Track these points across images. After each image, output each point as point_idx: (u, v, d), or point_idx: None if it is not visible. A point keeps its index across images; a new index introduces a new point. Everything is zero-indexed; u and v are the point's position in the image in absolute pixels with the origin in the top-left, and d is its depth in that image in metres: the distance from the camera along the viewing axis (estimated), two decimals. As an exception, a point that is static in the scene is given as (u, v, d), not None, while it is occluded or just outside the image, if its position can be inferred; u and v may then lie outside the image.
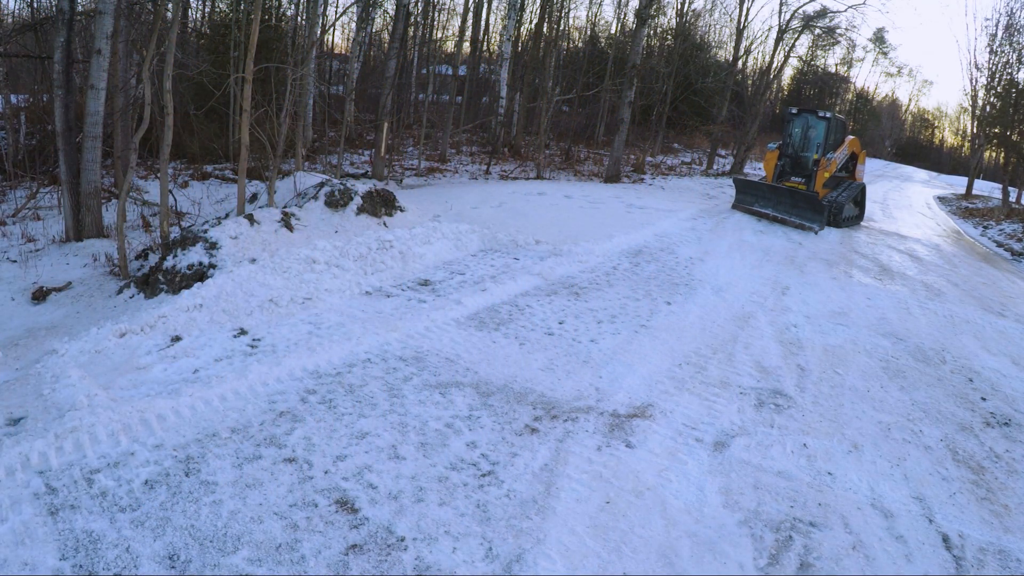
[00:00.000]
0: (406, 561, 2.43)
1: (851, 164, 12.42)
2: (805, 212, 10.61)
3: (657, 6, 19.51)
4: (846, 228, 11.65)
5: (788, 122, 11.97)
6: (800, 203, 10.66)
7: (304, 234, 6.45)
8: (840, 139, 11.76)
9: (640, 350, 4.66)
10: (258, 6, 6.68)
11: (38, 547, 2.36)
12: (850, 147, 12.03)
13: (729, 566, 2.56)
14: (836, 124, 11.60)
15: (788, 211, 10.92)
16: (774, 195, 11.26)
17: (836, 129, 11.64)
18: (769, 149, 12.22)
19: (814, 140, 11.56)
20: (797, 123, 11.89)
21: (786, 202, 10.98)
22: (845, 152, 11.79)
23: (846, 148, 11.77)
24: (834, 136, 11.53)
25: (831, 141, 11.44)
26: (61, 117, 6.53)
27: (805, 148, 11.73)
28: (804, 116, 11.78)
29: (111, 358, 4.01)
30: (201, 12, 18.73)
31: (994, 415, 4.19)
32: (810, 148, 11.59)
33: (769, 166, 11.97)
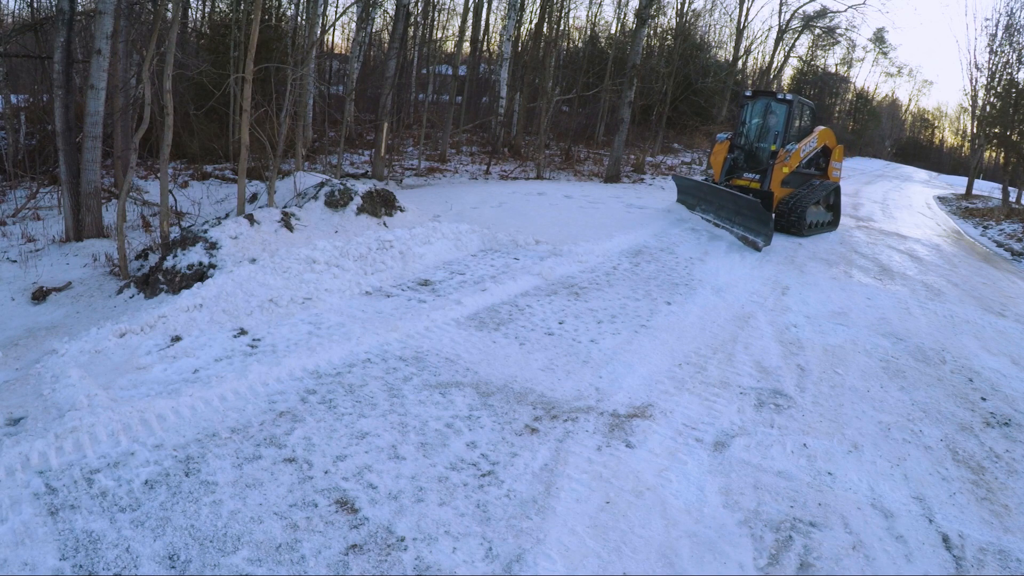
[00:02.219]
0: (406, 561, 2.44)
1: (823, 160, 10.84)
2: (749, 222, 8.59)
3: (657, 6, 19.52)
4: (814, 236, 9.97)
5: (743, 108, 10.31)
6: (743, 210, 8.61)
7: (304, 234, 6.45)
8: (807, 128, 10.15)
9: (640, 350, 4.66)
10: (258, 6, 6.68)
11: (38, 547, 2.36)
12: (821, 139, 10.27)
13: (729, 566, 2.56)
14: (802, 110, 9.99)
15: (731, 219, 9.07)
16: (716, 198, 9.41)
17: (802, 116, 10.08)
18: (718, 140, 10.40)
19: (773, 128, 9.84)
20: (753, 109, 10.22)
21: (728, 207, 9.08)
22: (813, 144, 10.00)
23: (815, 140, 10.01)
24: (799, 124, 9.96)
25: (794, 130, 9.85)
26: (61, 117, 6.53)
27: (762, 138, 9.99)
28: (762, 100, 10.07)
29: (111, 358, 4.01)
30: (201, 12, 18.74)
31: (994, 415, 4.19)
32: (768, 138, 9.85)
33: (717, 160, 10.17)
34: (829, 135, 10.68)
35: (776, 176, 9.38)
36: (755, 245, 8.31)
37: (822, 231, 10.59)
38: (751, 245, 8.36)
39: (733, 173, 9.96)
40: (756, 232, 8.40)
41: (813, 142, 9.99)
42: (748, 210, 8.48)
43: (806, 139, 9.82)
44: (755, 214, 8.38)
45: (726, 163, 10.01)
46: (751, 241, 8.39)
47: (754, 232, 8.44)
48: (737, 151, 10.11)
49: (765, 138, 9.96)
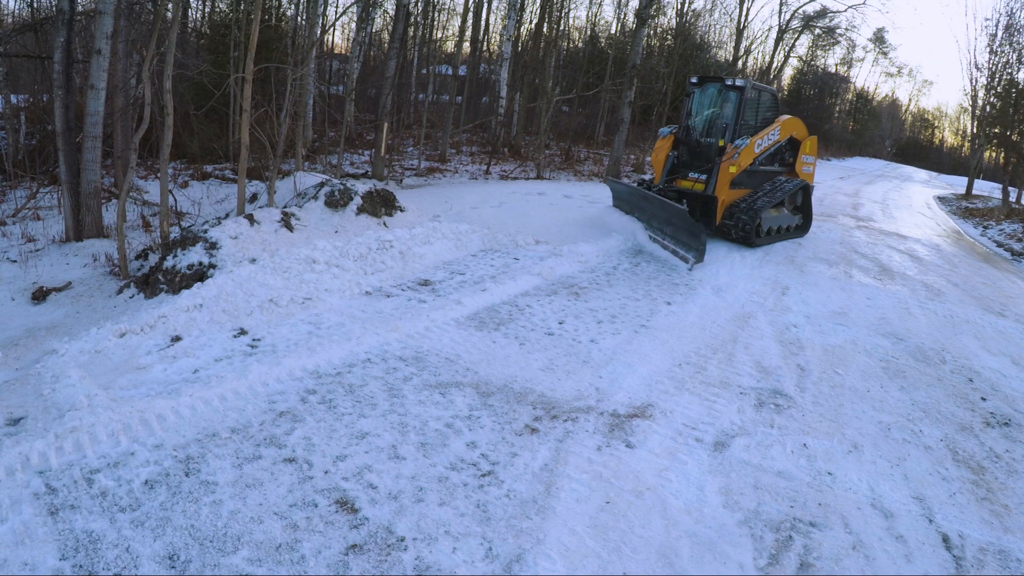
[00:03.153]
0: (406, 561, 2.43)
1: (790, 155, 9.51)
2: (680, 234, 7.39)
3: (657, 6, 19.52)
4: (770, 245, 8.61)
5: (688, 97, 8.87)
6: (674, 219, 7.39)
7: (304, 234, 6.45)
8: (767, 119, 8.77)
9: (640, 350, 4.66)
10: (258, 6, 6.68)
11: (38, 547, 2.36)
12: (785, 130, 8.91)
13: (729, 566, 2.56)
14: (758, 98, 8.59)
15: (662, 229, 7.75)
16: (647, 205, 8.03)
17: (759, 105, 8.63)
18: (660, 135, 8.94)
19: (723, 120, 8.44)
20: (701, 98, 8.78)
21: (659, 216, 7.73)
22: (774, 137, 8.65)
23: (776, 131, 8.65)
24: (755, 114, 8.55)
25: (749, 121, 8.45)
26: (61, 117, 6.53)
27: (710, 132, 8.59)
28: (711, 88, 8.63)
29: (111, 358, 4.01)
30: (201, 12, 18.74)
31: (994, 415, 4.19)
32: (717, 131, 8.48)
33: (658, 159, 8.78)
34: (796, 125, 9.36)
35: (722, 176, 8.02)
36: (686, 260, 7.04)
37: (786, 237, 9.19)
38: (682, 260, 7.13)
39: (676, 172, 8.64)
40: (687, 246, 7.17)
41: (774, 134, 8.63)
42: (678, 220, 7.26)
43: (764, 131, 8.49)
44: (684, 225, 7.16)
45: (668, 161, 8.68)
46: (681, 257, 7.14)
47: (685, 246, 7.21)
48: (682, 147, 8.78)
49: (713, 132, 8.55)
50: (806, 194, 9.59)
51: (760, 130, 8.53)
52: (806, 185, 9.46)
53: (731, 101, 8.39)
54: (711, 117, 8.67)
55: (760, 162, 8.66)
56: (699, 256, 6.95)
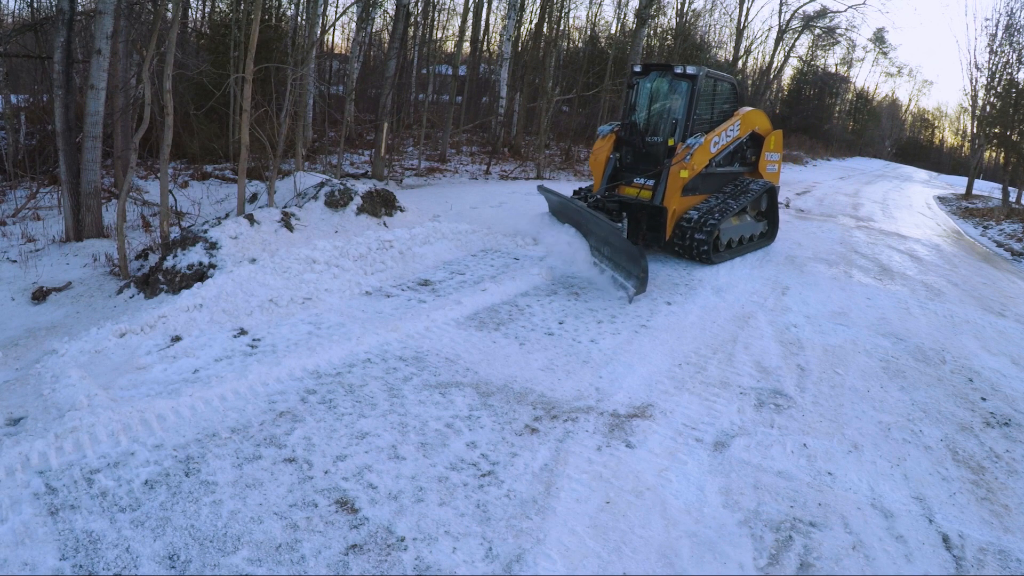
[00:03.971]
0: (406, 561, 2.44)
1: (751, 153, 8.43)
2: (618, 256, 6.09)
3: (657, 6, 19.52)
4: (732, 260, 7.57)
5: (631, 88, 7.59)
6: (612, 239, 6.09)
7: (304, 234, 6.45)
8: (726, 112, 7.69)
9: (640, 350, 4.66)
10: (258, 6, 6.69)
11: (38, 547, 2.36)
12: (746, 125, 7.83)
13: (729, 566, 2.56)
14: (714, 89, 7.45)
15: (600, 249, 6.49)
16: (582, 220, 6.77)
17: (715, 97, 7.49)
18: (600, 135, 7.76)
19: (672, 115, 7.28)
20: (647, 89, 7.51)
21: (596, 234, 6.49)
22: (734, 133, 7.58)
23: (736, 127, 7.58)
24: (710, 107, 7.43)
25: (704, 116, 7.33)
26: (61, 117, 6.53)
27: (656, 129, 7.41)
28: (657, 77, 7.41)
29: (111, 358, 4.01)
30: (201, 12, 18.74)
31: (994, 415, 4.19)
32: (665, 129, 7.31)
33: (598, 162, 7.58)
34: (759, 118, 8.29)
35: (672, 182, 6.83)
36: (625, 289, 5.79)
37: (750, 249, 8.12)
38: (621, 288, 5.87)
39: (620, 177, 7.45)
40: (627, 273, 5.86)
41: (733, 130, 7.53)
42: (615, 240, 6.00)
43: (721, 127, 7.37)
44: (622, 246, 5.90)
45: (609, 165, 7.46)
46: (619, 285, 5.92)
47: (624, 272, 5.92)
48: (625, 148, 7.53)
49: (661, 129, 7.34)
50: (772, 197, 8.56)
51: (717, 125, 7.41)
52: (772, 187, 8.43)
53: (682, 92, 7.17)
54: (659, 112, 7.44)
55: (718, 163, 7.58)
56: (640, 285, 5.56)
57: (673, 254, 7.41)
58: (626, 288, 5.77)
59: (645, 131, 7.51)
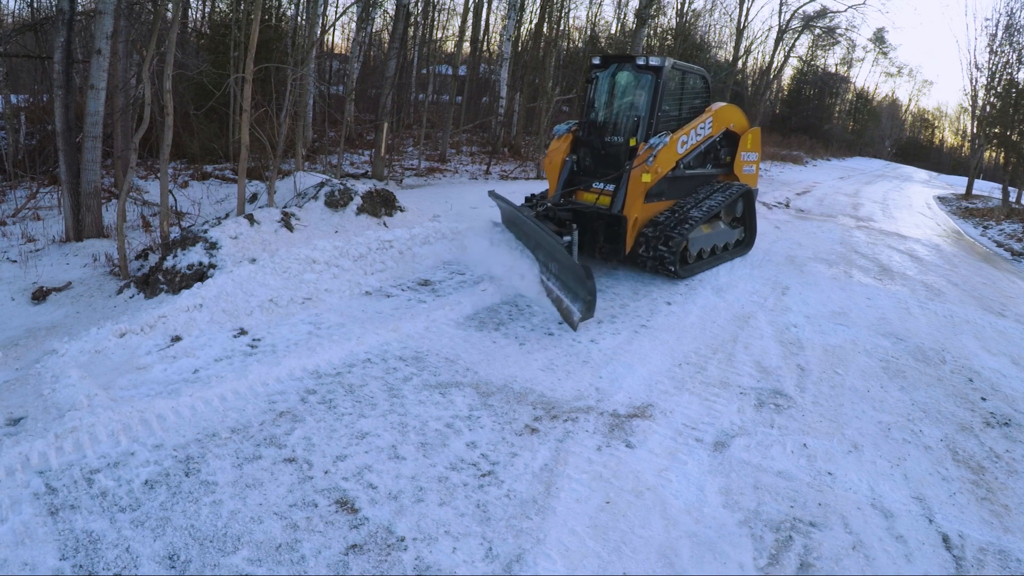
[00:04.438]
0: (406, 561, 2.44)
1: (725, 152, 7.76)
2: (565, 275, 5.30)
3: (657, 6, 19.52)
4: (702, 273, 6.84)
5: (591, 83, 6.94)
6: (558, 256, 5.36)
7: (304, 234, 6.45)
8: (696, 108, 7.05)
9: (640, 350, 4.66)
10: (258, 6, 6.69)
11: (38, 547, 2.36)
12: (719, 122, 7.22)
13: (729, 566, 2.56)
14: (682, 82, 6.79)
15: (547, 265, 5.70)
16: (529, 232, 6.11)
17: (684, 91, 6.82)
18: (555, 135, 7.09)
19: (634, 113, 6.56)
20: (607, 84, 6.83)
21: (544, 248, 5.73)
22: (705, 131, 6.96)
23: (708, 124, 6.98)
24: (678, 103, 6.77)
25: (670, 112, 6.65)
26: (61, 117, 6.53)
27: (618, 128, 6.70)
28: (618, 70, 6.73)
29: (111, 358, 4.01)
30: (201, 12, 18.74)
31: (994, 415, 4.19)
32: (626, 127, 6.59)
33: (553, 164, 6.86)
34: (733, 114, 7.63)
35: (633, 188, 6.11)
36: (569, 316, 4.99)
37: (723, 260, 7.40)
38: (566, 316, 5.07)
39: (576, 181, 6.74)
40: (574, 295, 5.07)
41: (704, 127, 6.90)
42: (561, 256, 5.27)
43: (690, 124, 6.71)
44: (567, 264, 5.16)
45: (566, 168, 6.73)
46: (564, 309, 5.10)
47: (571, 294, 5.11)
48: (583, 149, 6.85)
49: (622, 128, 6.63)
50: (749, 201, 7.81)
51: (686, 123, 6.76)
52: (748, 190, 7.71)
53: (645, 87, 6.48)
54: (620, 109, 6.76)
55: (687, 164, 6.88)
56: (588, 309, 4.78)
57: (636, 267, 6.67)
58: (571, 313, 4.98)
59: (605, 130, 6.80)
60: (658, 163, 6.16)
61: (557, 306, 5.24)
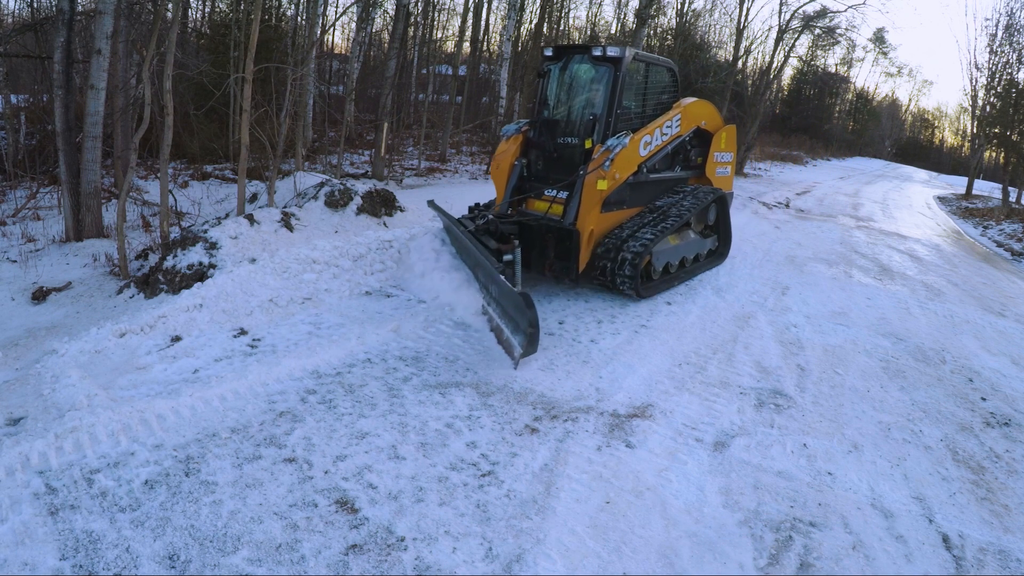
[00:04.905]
0: (406, 561, 2.44)
1: (697, 154, 7.10)
2: (507, 303, 4.46)
3: (657, 6, 19.51)
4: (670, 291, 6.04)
5: (543, 77, 6.17)
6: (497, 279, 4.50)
7: (304, 234, 6.45)
8: (664, 104, 6.37)
9: (640, 350, 4.66)
10: (258, 6, 6.69)
11: (38, 547, 2.36)
12: (688, 120, 6.57)
13: (729, 566, 2.56)
14: (645, 75, 6.08)
15: (487, 289, 5.00)
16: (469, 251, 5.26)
17: (647, 86, 6.12)
18: (504, 135, 6.28)
19: (590, 110, 5.79)
20: (561, 78, 6.10)
21: (484, 267, 4.83)
22: (672, 130, 6.27)
23: (676, 122, 6.32)
24: (641, 99, 6.09)
25: (632, 109, 5.96)
26: (61, 117, 6.53)
27: (572, 128, 5.91)
28: (573, 63, 6.01)
29: (111, 358, 4.01)
30: (201, 12, 18.74)
31: (994, 415, 4.18)
32: (581, 127, 5.76)
33: (500, 169, 6.07)
34: (705, 111, 6.95)
35: (588, 196, 5.38)
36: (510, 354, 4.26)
37: (694, 273, 6.66)
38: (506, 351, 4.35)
39: (529, 190, 5.95)
40: (515, 324, 4.29)
41: (672, 126, 6.23)
42: (500, 282, 4.43)
43: (655, 123, 6.01)
44: (505, 291, 4.34)
45: (514, 174, 5.98)
46: (505, 341, 4.41)
47: (512, 324, 4.34)
48: (535, 152, 6.08)
49: (577, 128, 5.84)
50: (722, 207, 7.06)
51: (650, 121, 6.06)
52: (722, 195, 6.94)
53: (602, 81, 5.73)
54: (576, 106, 5.99)
55: (651, 167, 6.17)
56: (530, 343, 3.97)
57: (594, 285, 5.86)
58: (512, 347, 4.22)
59: (559, 130, 6.00)
60: (616, 167, 5.44)
61: (497, 336, 4.54)
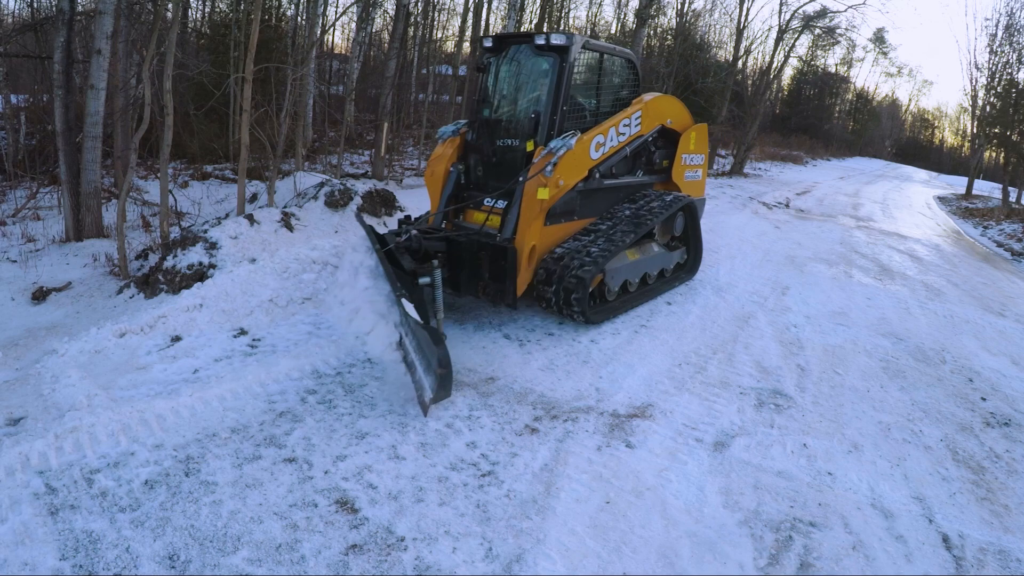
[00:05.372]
0: (406, 561, 2.44)
1: (661, 155, 6.30)
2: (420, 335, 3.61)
3: (657, 6, 19.51)
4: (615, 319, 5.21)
5: (483, 70, 5.40)
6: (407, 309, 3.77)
7: (304, 234, 6.45)
8: (622, 100, 5.63)
9: (640, 350, 4.66)
10: (258, 6, 6.69)
11: (38, 547, 2.36)
12: (650, 117, 5.79)
13: (729, 566, 2.56)
14: (599, 67, 5.31)
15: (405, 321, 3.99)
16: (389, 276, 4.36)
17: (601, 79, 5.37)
18: (441, 137, 5.50)
19: (532, 107, 5.04)
20: (502, 72, 5.32)
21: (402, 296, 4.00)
22: (631, 129, 5.52)
23: (637, 120, 5.58)
24: (593, 94, 5.35)
25: (583, 106, 5.26)
26: (61, 117, 6.53)
27: (514, 128, 5.16)
28: (517, 53, 5.23)
29: (111, 358, 4.01)
30: (201, 12, 18.74)
31: (994, 415, 4.18)
32: (523, 126, 5.05)
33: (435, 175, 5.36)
34: (670, 107, 6.21)
35: (528, 207, 4.66)
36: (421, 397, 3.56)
37: (659, 290, 5.91)
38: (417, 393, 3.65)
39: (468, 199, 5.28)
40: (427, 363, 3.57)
41: (631, 124, 5.50)
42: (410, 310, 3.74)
43: (610, 121, 5.29)
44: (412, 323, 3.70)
45: (450, 181, 5.30)
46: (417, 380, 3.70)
47: (426, 362, 3.62)
48: (474, 156, 5.34)
49: (518, 127, 5.13)
50: (691, 216, 6.30)
51: (606, 118, 5.32)
52: (690, 202, 6.16)
53: (547, 74, 5.00)
54: (519, 103, 5.22)
55: (606, 172, 5.41)
56: (442, 387, 3.31)
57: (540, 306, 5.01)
58: (422, 388, 3.54)
59: (499, 131, 5.22)
60: (560, 173, 4.69)
61: (411, 374, 3.77)
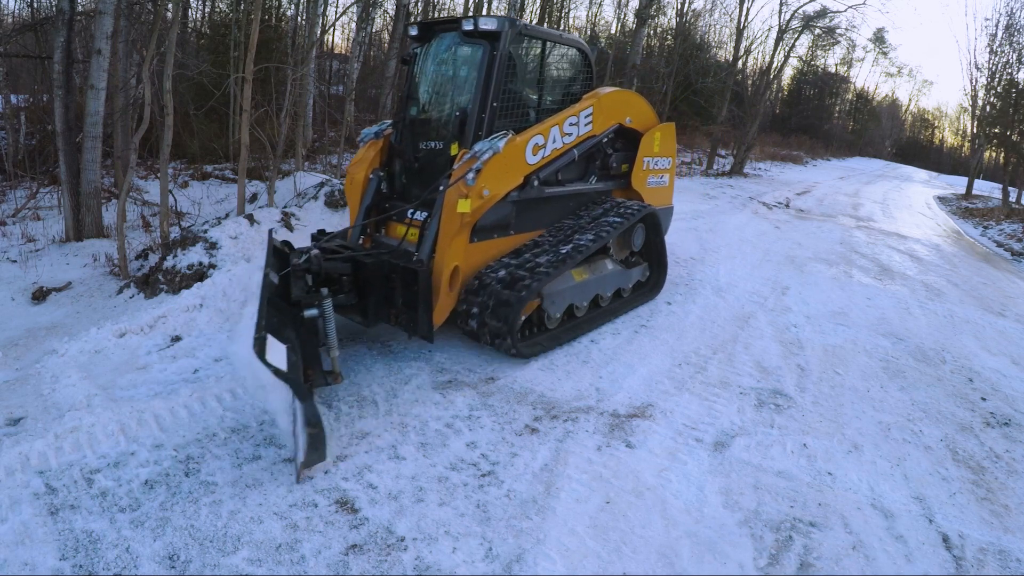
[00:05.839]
0: (406, 561, 2.43)
1: (620, 158, 5.50)
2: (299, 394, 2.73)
3: (657, 6, 19.51)
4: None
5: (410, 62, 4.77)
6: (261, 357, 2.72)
7: (304, 234, 6.44)
8: (572, 95, 5.02)
9: (640, 350, 4.66)
10: (258, 6, 6.69)
11: (38, 547, 2.36)
12: (605, 114, 5.10)
13: (729, 566, 2.56)
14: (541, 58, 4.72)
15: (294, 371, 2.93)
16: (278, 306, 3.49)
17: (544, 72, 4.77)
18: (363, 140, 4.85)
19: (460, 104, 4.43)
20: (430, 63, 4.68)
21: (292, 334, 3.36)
22: (580, 129, 4.84)
23: (588, 119, 4.90)
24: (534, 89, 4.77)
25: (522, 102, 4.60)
26: (61, 117, 6.53)
27: (438, 128, 4.59)
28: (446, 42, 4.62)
29: (111, 358, 4.01)
30: (201, 12, 18.73)
31: (994, 415, 4.18)
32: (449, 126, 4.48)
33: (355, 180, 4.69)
34: (630, 104, 5.47)
35: (448, 221, 4.03)
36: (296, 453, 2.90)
37: (619, 313, 5.21)
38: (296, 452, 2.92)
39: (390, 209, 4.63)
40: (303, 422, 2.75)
41: (581, 123, 4.84)
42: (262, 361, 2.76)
43: (554, 119, 4.64)
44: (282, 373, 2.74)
45: (370, 190, 4.65)
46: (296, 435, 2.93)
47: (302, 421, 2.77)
48: (398, 161, 4.77)
49: (444, 128, 4.55)
50: (654, 227, 5.54)
51: (550, 115, 4.68)
52: (652, 212, 5.37)
53: (476, 65, 4.36)
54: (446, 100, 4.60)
55: (548, 179, 4.70)
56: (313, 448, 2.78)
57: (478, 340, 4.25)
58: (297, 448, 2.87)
59: (423, 132, 4.64)
60: (485, 181, 4.01)
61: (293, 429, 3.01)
